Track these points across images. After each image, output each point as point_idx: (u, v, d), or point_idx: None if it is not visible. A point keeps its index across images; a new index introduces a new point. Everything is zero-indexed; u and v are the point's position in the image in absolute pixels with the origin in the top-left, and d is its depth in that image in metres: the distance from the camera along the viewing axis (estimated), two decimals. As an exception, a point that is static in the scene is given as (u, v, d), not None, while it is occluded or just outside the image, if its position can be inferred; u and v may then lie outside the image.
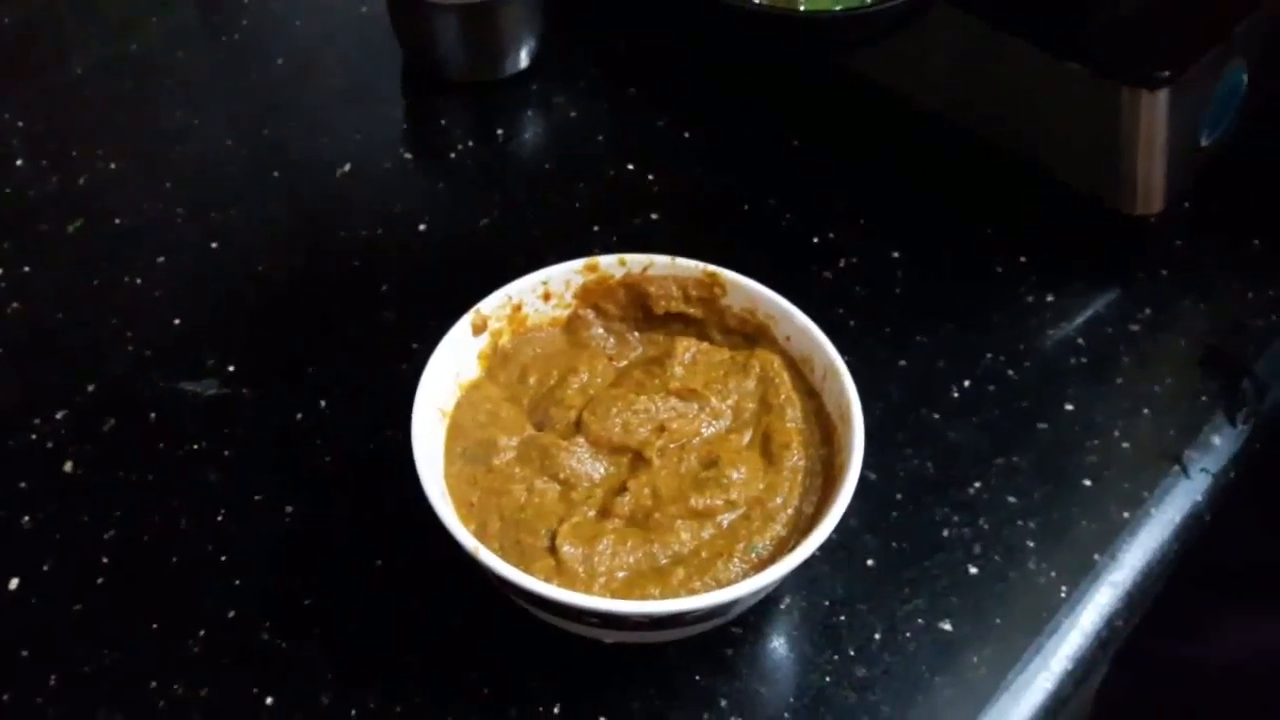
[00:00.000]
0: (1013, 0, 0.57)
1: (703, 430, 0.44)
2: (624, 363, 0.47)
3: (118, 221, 0.59)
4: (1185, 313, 0.56)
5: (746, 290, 0.47)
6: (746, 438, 0.44)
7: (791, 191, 0.62)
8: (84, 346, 0.54)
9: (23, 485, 0.48)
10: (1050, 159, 0.60)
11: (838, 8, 0.53)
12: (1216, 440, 0.51)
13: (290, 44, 0.70)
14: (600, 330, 0.48)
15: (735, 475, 0.42)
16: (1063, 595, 0.46)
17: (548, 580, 0.38)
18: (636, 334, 0.48)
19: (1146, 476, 0.50)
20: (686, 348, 0.46)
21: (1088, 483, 0.49)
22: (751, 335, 0.47)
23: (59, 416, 0.51)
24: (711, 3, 0.46)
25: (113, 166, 0.62)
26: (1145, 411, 0.52)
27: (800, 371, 0.46)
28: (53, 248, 0.58)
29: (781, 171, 0.63)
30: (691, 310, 0.48)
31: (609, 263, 0.47)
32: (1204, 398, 0.53)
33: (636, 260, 0.47)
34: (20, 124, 0.65)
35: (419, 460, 0.40)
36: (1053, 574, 0.46)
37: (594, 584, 0.39)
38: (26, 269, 0.57)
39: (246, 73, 0.69)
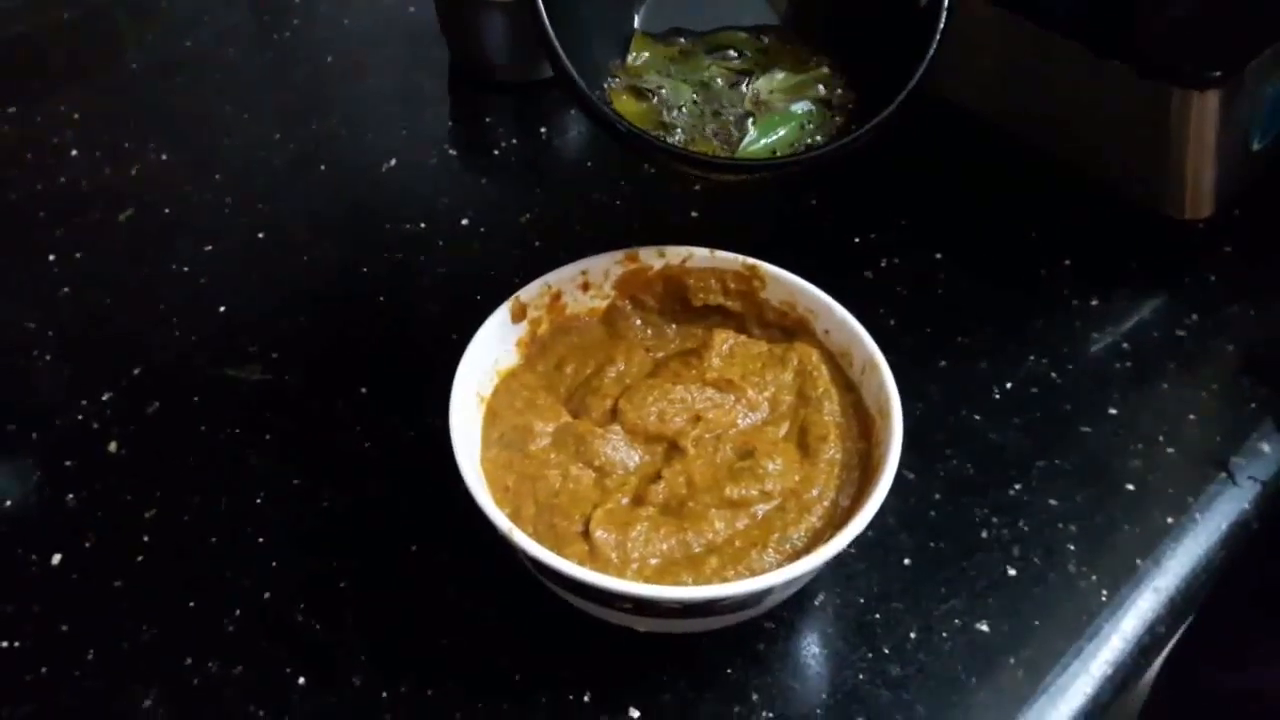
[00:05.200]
0: (1061, 1, 0.57)
1: (739, 421, 0.44)
2: (661, 354, 0.47)
3: (167, 211, 0.60)
4: (1234, 319, 0.55)
5: (786, 284, 0.46)
6: (783, 430, 0.44)
7: (833, 191, 0.61)
8: (131, 331, 0.55)
9: (68, 464, 0.49)
10: (1098, 162, 0.59)
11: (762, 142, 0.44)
12: (1266, 448, 0.50)
13: (339, 43, 0.72)
14: (638, 322, 0.48)
15: (771, 466, 0.41)
16: (1103, 599, 0.45)
17: (580, 565, 0.38)
18: (674, 326, 0.48)
19: (1192, 482, 0.49)
20: (724, 339, 0.46)
21: (1131, 487, 0.49)
22: (790, 329, 0.47)
23: (105, 398, 0.51)
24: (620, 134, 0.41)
25: (164, 158, 0.63)
26: (1191, 417, 0.51)
27: (839, 365, 0.45)
28: (104, 235, 0.59)
29: (823, 171, 0.63)
30: (730, 303, 0.48)
31: (648, 254, 0.47)
32: (1253, 405, 0.52)
33: (676, 252, 0.47)
34: (76, 116, 0.66)
35: (456, 443, 0.40)
36: (1093, 578, 0.45)
37: (626, 570, 0.39)
38: (78, 255, 0.58)
39: (296, 70, 0.70)
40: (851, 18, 0.45)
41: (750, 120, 0.44)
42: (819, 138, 0.44)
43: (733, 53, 0.46)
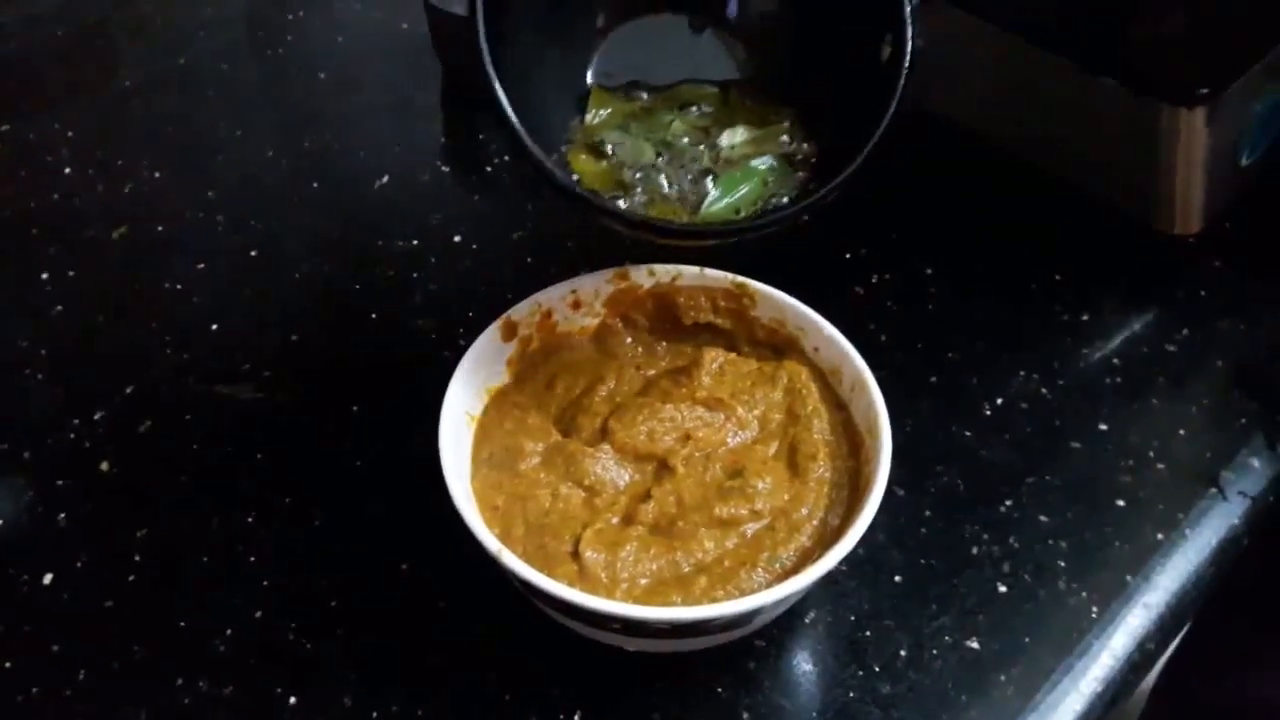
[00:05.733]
0: (1051, 17, 0.57)
1: (728, 440, 0.44)
2: (651, 372, 0.47)
3: (160, 229, 0.61)
4: (1224, 334, 0.56)
5: (775, 301, 0.47)
6: (773, 449, 0.44)
7: (823, 207, 0.61)
8: (124, 350, 0.55)
9: (60, 483, 0.49)
10: (1088, 177, 0.60)
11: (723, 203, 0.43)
12: (1255, 463, 0.50)
13: (332, 60, 0.72)
14: (628, 340, 0.48)
15: (760, 485, 0.41)
16: (1094, 616, 0.45)
17: (570, 585, 0.38)
18: (664, 344, 0.48)
19: (1182, 498, 0.49)
20: (714, 358, 0.46)
21: (1121, 503, 0.49)
22: (780, 347, 0.47)
23: (97, 417, 0.51)
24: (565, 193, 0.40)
25: (157, 176, 0.64)
26: (1181, 433, 0.51)
27: (829, 383, 0.45)
28: (97, 253, 0.59)
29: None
30: (720, 321, 0.48)
31: (639, 272, 0.47)
32: (1243, 420, 0.52)
33: (666, 270, 0.48)
34: (70, 134, 0.66)
35: (445, 464, 0.40)
36: (1084, 594, 0.46)
37: (616, 590, 0.39)
38: (71, 273, 0.58)
39: (289, 87, 0.70)
40: (814, 71, 0.44)
41: (712, 178, 0.44)
42: (782, 194, 0.44)
43: (694, 108, 0.46)
